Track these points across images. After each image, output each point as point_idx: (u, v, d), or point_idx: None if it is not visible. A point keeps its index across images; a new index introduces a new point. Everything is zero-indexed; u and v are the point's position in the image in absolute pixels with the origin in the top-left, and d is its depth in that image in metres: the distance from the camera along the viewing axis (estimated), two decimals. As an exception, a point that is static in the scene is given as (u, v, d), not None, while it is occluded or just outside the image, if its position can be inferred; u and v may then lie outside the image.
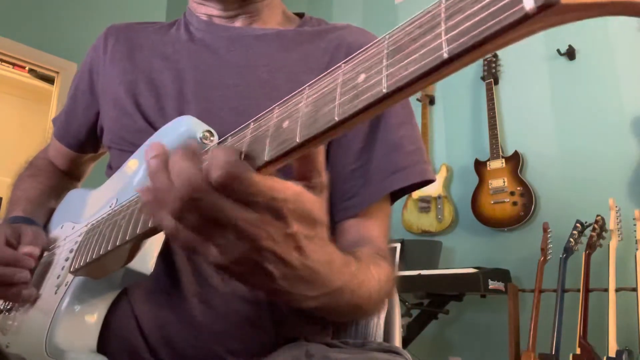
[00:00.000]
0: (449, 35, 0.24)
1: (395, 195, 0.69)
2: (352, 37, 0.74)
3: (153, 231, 0.46)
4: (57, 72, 3.44)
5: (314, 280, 0.41)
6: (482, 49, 0.23)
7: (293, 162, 0.37)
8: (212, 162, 0.34)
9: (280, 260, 0.37)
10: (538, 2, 0.19)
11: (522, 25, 0.21)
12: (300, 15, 0.82)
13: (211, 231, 0.36)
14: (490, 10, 0.22)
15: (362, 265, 0.50)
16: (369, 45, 0.31)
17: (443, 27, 0.24)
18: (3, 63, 3.90)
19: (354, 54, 0.32)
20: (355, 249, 0.59)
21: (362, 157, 0.67)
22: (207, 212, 0.35)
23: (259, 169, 0.35)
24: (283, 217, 0.35)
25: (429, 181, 0.68)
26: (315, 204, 0.37)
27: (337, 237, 0.67)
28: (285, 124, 0.34)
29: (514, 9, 0.21)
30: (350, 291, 0.47)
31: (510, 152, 2.60)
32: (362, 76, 0.30)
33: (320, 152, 0.37)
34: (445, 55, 0.24)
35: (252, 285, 0.41)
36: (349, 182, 0.67)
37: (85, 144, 0.87)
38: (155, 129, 0.66)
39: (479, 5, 0.22)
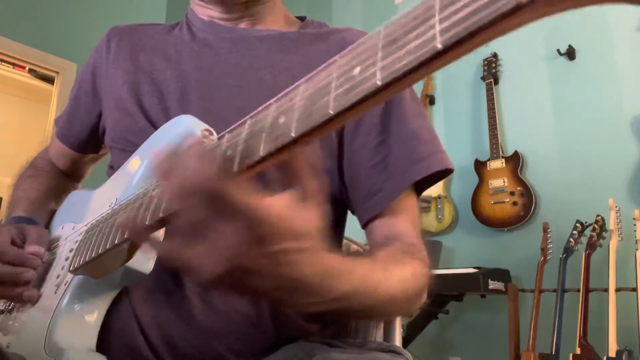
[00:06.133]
0: (442, 26, 0.24)
1: (419, 188, 0.68)
2: (354, 39, 0.73)
3: (151, 229, 0.46)
4: (57, 72, 3.45)
5: (310, 290, 0.40)
6: (475, 39, 0.22)
7: (274, 170, 0.36)
8: (187, 171, 0.33)
9: (265, 276, 0.36)
10: (530, -8, 0.19)
11: (514, 15, 0.21)
12: (302, 18, 0.82)
13: (194, 237, 0.34)
14: (483, 1, 0.22)
15: (377, 267, 0.50)
16: (364, 38, 0.30)
17: (437, 18, 0.24)
18: (3, 63, 3.91)
19: (350, 47, 0.32)
20: (379, 248, 0.58)
21: (380, 152, 0.67)
22: (194, 212, 0.34)
23: (253, 165, 0.34)
24: (262, 238, 0.34)
25: (450, 170, 0.67)
26: (303, 216, 0.35)
27: (367, 237, 0.66)
28: (282, 119, 0.34)
29: (507, -1, 0.20)
30: (364, 293, 0.46)
31: (510, 152, 2.59)
32: (357, 69, 0.29)
33: (302, 156, 0.35)
34: (439, 47, 0.24)
35: (246, 296, 0.40)
36: (370, 179, 0.66)
37: (86, 145, 0.87)
38: (157, 129, 0.66)
39: (473, -4, 0.22)
